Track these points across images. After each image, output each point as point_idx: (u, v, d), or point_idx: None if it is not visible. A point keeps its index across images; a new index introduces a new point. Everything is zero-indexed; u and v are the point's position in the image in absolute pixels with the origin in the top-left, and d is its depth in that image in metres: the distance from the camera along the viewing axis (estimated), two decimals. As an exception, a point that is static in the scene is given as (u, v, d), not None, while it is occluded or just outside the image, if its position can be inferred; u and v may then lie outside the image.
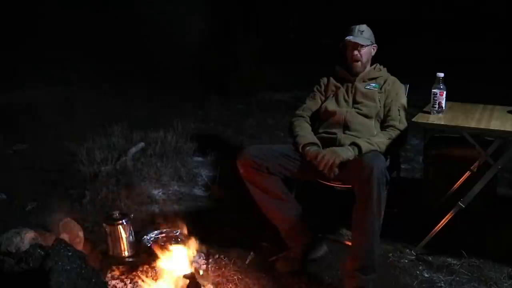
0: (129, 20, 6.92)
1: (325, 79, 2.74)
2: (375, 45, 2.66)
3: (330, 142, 2.46)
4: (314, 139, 2.47)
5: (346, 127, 2.51)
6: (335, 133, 2.50)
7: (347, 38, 2.55)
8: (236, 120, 5.20)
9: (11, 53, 6.64)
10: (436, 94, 2.46)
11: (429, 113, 2.52)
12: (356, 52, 2.57)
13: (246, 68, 6.44)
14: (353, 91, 2.61)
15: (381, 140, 2.39)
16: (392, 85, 2.62)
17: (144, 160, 3.71)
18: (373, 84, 2.61)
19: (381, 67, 2.71)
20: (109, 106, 5.44)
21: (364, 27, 2.62)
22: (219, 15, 6.94)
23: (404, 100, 2.60)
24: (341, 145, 2.42)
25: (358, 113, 2.53)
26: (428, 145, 3.15)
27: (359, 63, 2.59)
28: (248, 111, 5.56)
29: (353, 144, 2.35)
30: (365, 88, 2.59)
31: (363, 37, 2.58)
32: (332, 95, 2.65)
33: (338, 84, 2.66)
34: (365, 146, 2.32)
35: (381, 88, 2.59)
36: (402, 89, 2.66)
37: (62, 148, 4.01)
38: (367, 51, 2.61)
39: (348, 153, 2.31)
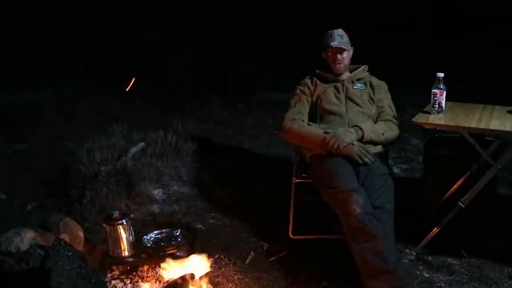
0: (129, 20, 6.93)
1: (307, 81, 2.81)
2: (352, 48, 2.78)
3: None
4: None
5: (349, 122, 2.62)
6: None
7: (332, 43, 2.66)
8: (236, 120, 5.21)
9: (11, 53, 6.64)
10: (436, 94, 2.47)
11: (429, 113, 2.52)
12: (339, 56, 2.70)
13: (246, 68, 6.43)
14: (344, 89, 2.71)
15: (382, 127, 2.58)
16: (377, 84, 2.77)
17: (144, 160, 3.71)
18: (359, 84, 2.75)
19: (366, 68, 2.84)
20: (109, 106, 5.45)
21: (341, 31, 2.74)
22: (219, 15, 6.93)
23: (390, 97, 2.77)
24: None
25: (355, 109, 2.66)
26: (428, 145, 3.14)
27: (342, 65, 2.72)
28: (248, 111, 5.56)
29: (356, 126, 2.53)
30: (353, 88, 2.72)
31: (344, 42, 2.70)
32: (321, 95, 2.70)
33: (325, 85, 2.75)
34: (367, 130, 2.51)
35: (367, 87, 2.74)
36: (387, 87, 2.79)
37: (62, 148, 4.01)
38: (348, 54, 2.74)
39: (351, 136, 2.48)
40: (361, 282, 2.14)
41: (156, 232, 2.55)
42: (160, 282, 2.24)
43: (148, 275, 2.31)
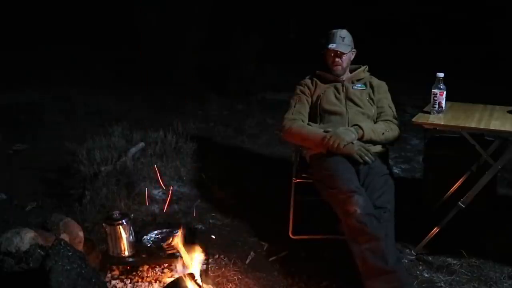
0: (129, 20, 6.93)
1: (308, 81, 2.81)
2: (354, 50, 2.76)
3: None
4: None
5: (349, 122, 2.61)
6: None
7: (330, 46, 2.64)
8: (236, 120, 5.20)
9: (11, 53, 6.64)
10: (436, 94, 2.47)
11: (429, 113, 2.52)
12: (337, 59, 2.68)
13: (246, 68, 6.43)
14: (344, 90, 2.70)
15: (382, 127, 2.58)
16: (377, 84, 2.75)
17: (144, 160, 3.71)
18: (359, 85, 2.74)
19: (366, 68, 2.83)
20: (109, 106, 5.45)
21: (344, 32, 2.71)
22: (220, 15, 6.94)
23: (390, 98, 2.75)
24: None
25: (355, 109, 2.65)
26: (428, 145, 3.14)
27: (340, 67, 2.71)
28: (248, 111, 5.56)
29: (356, 125, 2.53)
30: (353, 88, 2.71)
31: (344, 44, 2.67)
32: (321, 95, 2.71)
33: (325, 85, 2.75)
34: (367, 129, 2.51)
35: (367, 87, 2.73)
36: (386, 88, 2.78)
37: (62, 148, 4.01)
38: (348, 56, 2.71)
39: (352, 135, 2.47)
40: (361, 282, 2.14)
41: (156, 232, 2.56)
42: (160, 282, 2.25)
43: (148, 275, 2.32)
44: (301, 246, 2.66)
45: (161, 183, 3.34)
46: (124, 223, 2.33)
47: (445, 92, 2.47)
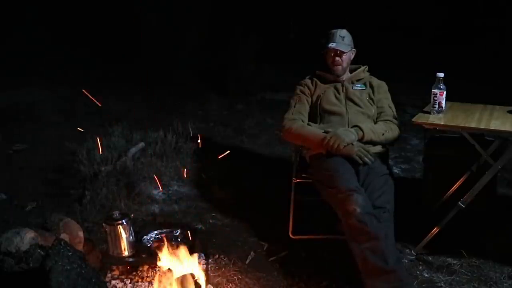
0: (129, 20, 6.93)
1: (307, 81, 2.82)
2: (354, 50, 2.76)
3: None
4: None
5: (349, 122, 2.62)
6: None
7: (330, 45, 2.64)
8: (236, 120, 5.20)
9: (11, 53, 6.64)
10: (436, 94, 2.47)
11: (429, 113, 2.52)
12: (337, 58, 2.68)
13: (245, 68, 6.43)
14: (344, 90, 2.71)
15: (382, 127, 2.58)
16: (377, 84, 2.75)
17: (144, 160, 3.71)
18: (359, 85, 2.74)
19: (366, 68, 2.83)
20: (109, 106, 5.44)
21: (344, 32, 2.71)
22: (219, 15, 6.94)
23: (390, 98, 2.75)
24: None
25: (355, 109, 2.65)
26: (428, 145, 3.15)
27: (340, 67, 2.71)
28: (248, 111, 5.56)
29: (356, 126, 2.53)
30: (353, 88, 2.71)
31: (344, 43, 2.68)
32: (321, 95, 2.71)
33: (325, 85, 2.75)
34: (367, 130, 2.51)
35: (367, 88, 2.73)
36: (386, 87, 2.78)
37: (62, 148, 4.01)
38: (348, 56, 2.71)
39: (351, 136, 2.47)
40: (361, 282, 2.14)
41: (156, 232, 2.56)
42: (160, 282, 2.24)
43: (148, 275, 2.31)
44: (301, 246, 2.66)
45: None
46: (124, 223, 2.34)
47: (445, 92, 2.47)
